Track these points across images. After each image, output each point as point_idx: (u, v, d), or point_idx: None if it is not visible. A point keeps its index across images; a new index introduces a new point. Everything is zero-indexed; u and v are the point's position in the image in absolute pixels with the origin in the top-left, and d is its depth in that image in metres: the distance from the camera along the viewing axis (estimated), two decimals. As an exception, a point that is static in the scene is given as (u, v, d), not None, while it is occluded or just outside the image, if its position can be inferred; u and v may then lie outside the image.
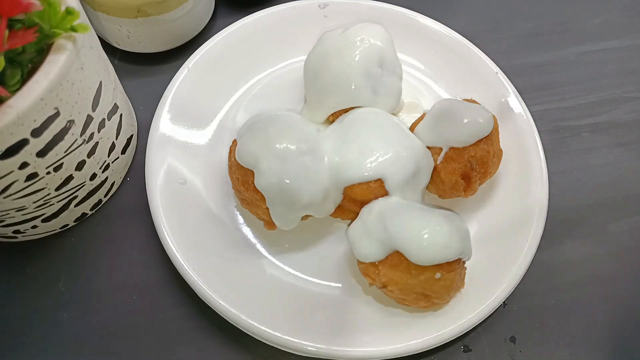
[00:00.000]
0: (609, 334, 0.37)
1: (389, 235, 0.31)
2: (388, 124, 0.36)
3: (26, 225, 0.34)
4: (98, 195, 0.38)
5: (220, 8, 0.49)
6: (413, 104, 0.42)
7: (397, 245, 0.31)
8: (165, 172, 0.37)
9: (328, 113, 0.38)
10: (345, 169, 0.34)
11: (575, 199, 0.42)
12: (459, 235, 0.32)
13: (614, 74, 0.49)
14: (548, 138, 0.44)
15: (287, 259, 0.36)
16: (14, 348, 0.34)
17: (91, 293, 0.36)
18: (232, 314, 0.32)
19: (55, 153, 0.30)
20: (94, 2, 0.40)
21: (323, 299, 0.35)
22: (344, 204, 0.36)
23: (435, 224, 0.31)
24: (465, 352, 0.36)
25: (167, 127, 0.39)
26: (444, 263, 0.31)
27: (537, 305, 0.37)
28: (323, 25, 0.43)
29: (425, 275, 0.31)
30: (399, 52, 0.39)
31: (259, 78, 0.44)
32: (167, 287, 0.36)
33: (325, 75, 0.37)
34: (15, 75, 0.26)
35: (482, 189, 0.38)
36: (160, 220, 0.35)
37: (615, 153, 0.44)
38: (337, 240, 0.37)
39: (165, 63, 0.46)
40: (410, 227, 0.31)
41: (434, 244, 0.31)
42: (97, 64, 0.32)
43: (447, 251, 0.31)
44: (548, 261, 0.39)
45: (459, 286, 0.33)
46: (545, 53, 0.50)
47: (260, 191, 0.33)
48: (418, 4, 0.47)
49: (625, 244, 0.40)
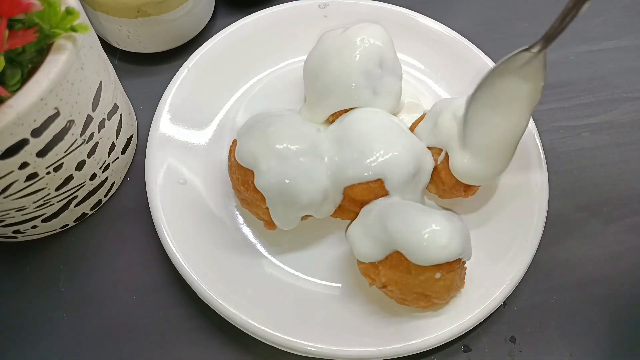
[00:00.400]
0: (609, 334, 0.37)
1: (389, 235, 0.31)
2: (388, 124, 0.36)
3: (26, 225, 0.35)
4: (98, 195, 0.38)
5: (220, 8, 0.49)
6: (413, 104, 0.42)
7: (397, 245, 0.31)
8: (165, 172, 0.37)
9: (328, 113, 0.38)
10: (345, 169, 0.34)
11: (575, 199, 0.42)
12: (459, 235, 0.31)
13: (614, 74, 0.49)
14: (548, 138, 0.44)
15: (287, 259, 0.36)
16: (13, 348, 0.34)
17: (91, 293, 0.36)
18: (232, 314, 0.32)
19: (55, 153, 0.30)
20: (94, 2, 0.40)
21: (323, 299, 0.35)
22: (344, 204, 0.36)
23: (435, 224, 0.31)
24: (465, 352, 0.36)
25: (167, 127, 0.39)
26: (444, 263, 0.31)
27: (537, 305, 0.37)
28: (323, 25, 0.43)
29: (425, 275, 0.31)
30: (399, 52, 0.39)
31: (259, 78, 0.44)
32: (167, 287, 0.36)
33: (325, 76, 0.37)
34: (15, 75, 0.26)
35: (482, 189, 0.38)
36: (160, 220, 0.35)
37: (615, 153, 0.44)
38: (337, 240, 0.37)
39: (165, 63, 0.46)
40: (410, 227, 0.31)
41: (433, 244, 0.30)
42: (97, 64, 0.32)
43: (446, 251, 0.31)
44: (548, 261, 0.39)
45: (459, 286, 0.34)
46: (545, 53, 0.50)
47: (260, 191, 0.33)
48: (418, 4, 0.47)
49: (625, 244, 0.40)
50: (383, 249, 0.32)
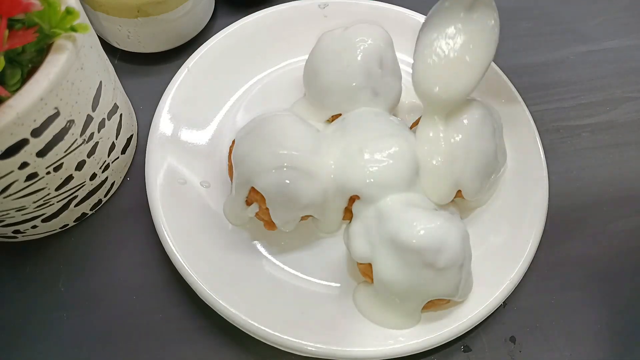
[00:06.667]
0: (609, 334, 0.37)
1: (386, 235, 0.31)
2: (388, 125, 0.36)
3: (26, 225, 0.35)
4: (98, 195, 0.38)
5: (220, 8, 0.49)
6: (413, 104, 0.42)
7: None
8: (165, 172, 0.37)
9: (328, 113, 0.38)
10: (349, 178, 0.33)
11: (575, 199, 0.42)
12: (458, 236, 0.31)
13: (614, 74, 0.49)
14: (548, 138, 0.44)
15: (286, 259, 0.36)
16: (14, 348, 0.34)
17: (91, 293, 0.36)
18: (232, 314, 0.32)
19: (55, 153, 0.30)
20: (94, 2, 0.40)
21: (323, 298, 0.35)
22: (349, 206, 0.36)
23: (433, 224, 0.31)
24: (465, 352, 0.36)
25: (167, 127, 0.39)
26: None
27: (537, 305, 0.37)
28: (323, 25, 0.43)
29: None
30: (399, 52, 0.39)
31: (259, 78, 0.44)
32: (167, 287, 0.36)
33: (325, 76, 0.37)
34: (15, 75, 0.26)
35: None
36: (160, 220, 0.35)
37: (615, 153, 0.44)
38: (337, 240, 0.37)
39: (165, 63, 0.46)
40: (407, 227, 0.31)
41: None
42: (97, 64, 0.32)
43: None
44: (548, 261, 0.39)
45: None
46: (545, 53, 0.50)
47: (260, 191, 0.33)
48: (418, 4, 0.46)
49: (625, 244, 0.40)
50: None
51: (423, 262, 0.30)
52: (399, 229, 0.31)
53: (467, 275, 0.33)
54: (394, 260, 0.31)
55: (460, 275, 0.31)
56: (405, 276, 0.31)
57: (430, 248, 0.30)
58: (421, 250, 0.30)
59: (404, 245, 0.30)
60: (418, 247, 0.30)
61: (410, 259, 0.30)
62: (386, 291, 0.32)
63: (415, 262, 0.30)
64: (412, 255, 0.30)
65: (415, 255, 0.30)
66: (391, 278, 0.31)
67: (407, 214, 0.32)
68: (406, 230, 0.30)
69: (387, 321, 0.33)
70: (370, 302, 0.34)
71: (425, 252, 0.30)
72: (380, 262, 0.31)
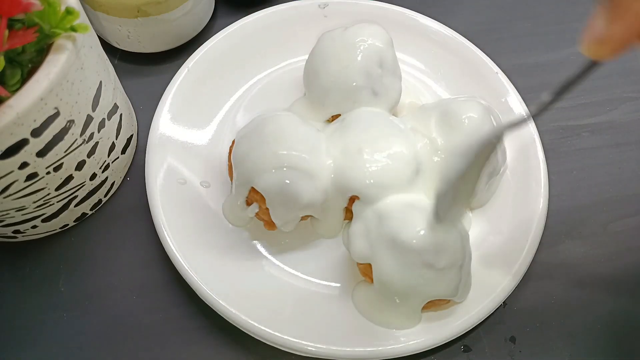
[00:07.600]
0: (609, 334, 0.37)
1: (386, 236, 0.31)
2: (388, 125, 0.36)
3: (26, 225, 0.35)
4: (98, 195, 0.38)
5: (220, 8, 0.49)
6: (413, 104, 0.42)
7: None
8: (165, 172, 0.37)
9: (328, 113, 0.38)
10: (348, 178, 0.33)
11: (575, 199, 0.42)
12: (458, 236, 0.31)
13: (614, 74, 0.49)
14: (548, 138, 0.44)
15: (287, 259, 0.36)
16: (13, 348, 0.34)
17: (91, 293, 0.36)
18: (232, 314, 0.32)
19: (55, 153, 0.30)
20: (94, 2, 0.40)
21: (323, 298, 0.35)
22: (350, 206, 0.36)
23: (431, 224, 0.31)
24: (465, 352, 0.36)
25: (167, 127, 0.39)
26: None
27: (537, 305, 0.37)
28: (323, 25, 0.43)
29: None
30: (399, 52, 0.39)
31: (259, 78, 0.44)
32: (167, 287, 0.36)
33: (325, 76, 0.37)
34: (15, 75, 0.26)
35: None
36: (160, 220, 0.35)
37: (615, 153, 0.44)
38: (337, 240, 0.37)
39: (165, 63, 0.46)
40: (408, 227, 0.31)
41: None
42: (97, 64, 0.32)
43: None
44: (548, 261, 0.39)
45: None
46: (545, 53, 0.50)
47: (260, 191, 0.33)
48: (418, 4, 0.47)
49: (625, 244, 0.40)
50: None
51: (423, 263, 0.30)
52: (399, 229, 0.31)
53: (467, 275, 0.33)
54: (394, 261, 0.31)
55: (460, 276, 0.31)
56: (405, 276, 0.31)
57: (430, 248, 0.30)
58: (421, 251, 0.30)
59: (404, 245, 0.30)
60: (418, 247, 0.30)
61: (410, 259, 0.30)
62: (386, 291, 0.32)
63: (415, 262, 0.30)
64: (412, 255, 0.30)
65: (415, 256, 0.30)
66: (391, 278, 0.31)
67: (407, 214, 0.32)
68: (406, 231, 0.30)
69: (388, 321, 0.33)
70: (369, 302, 0.34)
71: (425, 252, 0.30)
72: (380, 262, 0.31)
